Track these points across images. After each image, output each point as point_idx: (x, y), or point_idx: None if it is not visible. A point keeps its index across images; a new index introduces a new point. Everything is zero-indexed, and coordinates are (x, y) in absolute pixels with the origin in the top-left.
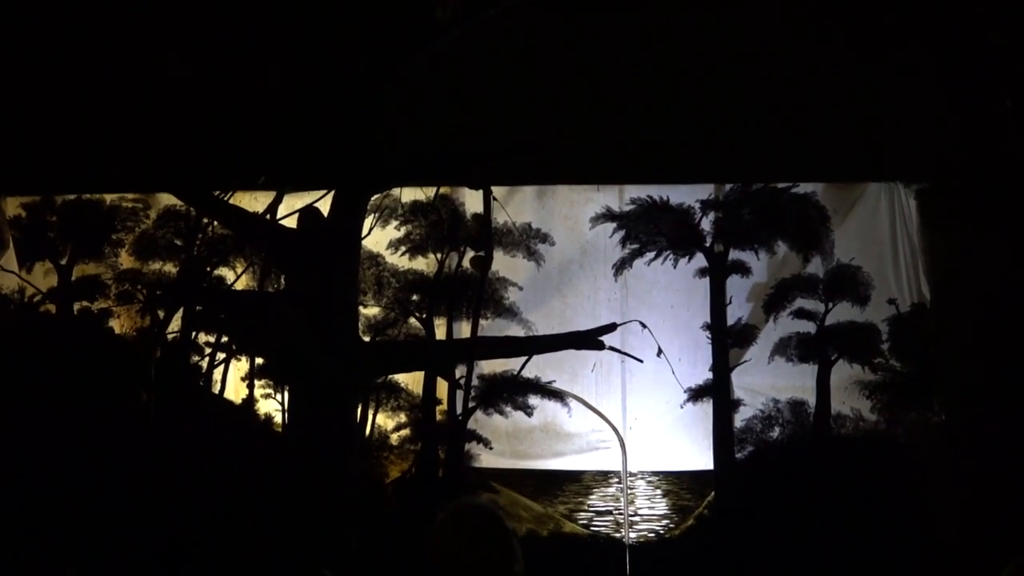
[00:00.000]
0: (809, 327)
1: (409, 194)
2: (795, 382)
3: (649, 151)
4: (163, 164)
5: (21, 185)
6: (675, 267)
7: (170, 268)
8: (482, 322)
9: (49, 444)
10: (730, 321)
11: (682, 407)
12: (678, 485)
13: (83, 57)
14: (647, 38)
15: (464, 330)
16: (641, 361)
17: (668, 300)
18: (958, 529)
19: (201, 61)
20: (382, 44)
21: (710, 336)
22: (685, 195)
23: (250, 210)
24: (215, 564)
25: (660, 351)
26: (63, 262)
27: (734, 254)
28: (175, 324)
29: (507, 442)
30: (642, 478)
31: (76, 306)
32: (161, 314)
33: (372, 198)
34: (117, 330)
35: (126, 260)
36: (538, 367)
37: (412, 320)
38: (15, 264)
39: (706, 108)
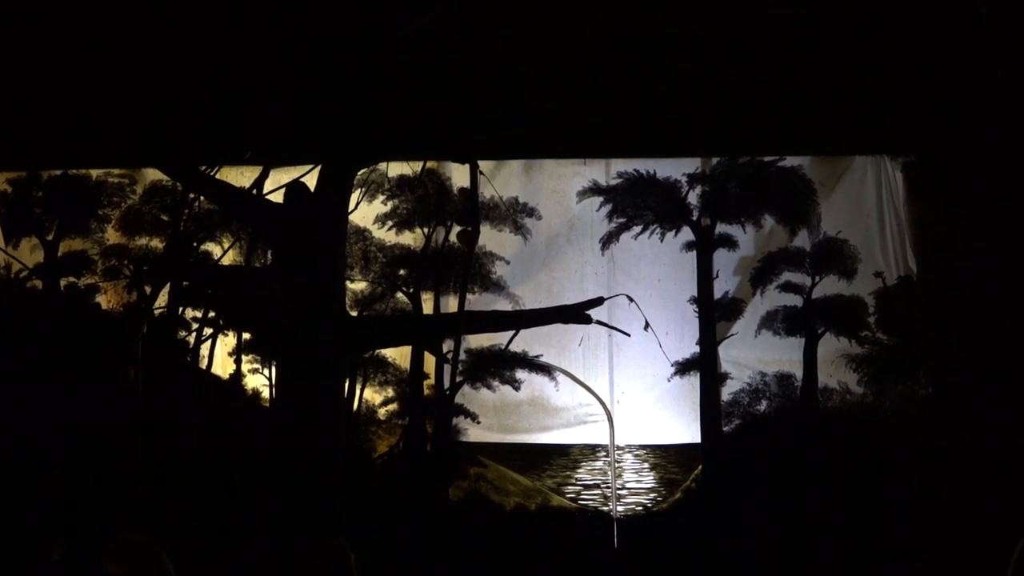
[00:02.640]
0: (796, 300)
1: (396, 168)
2: (782, 355)
3: (636, 125)
4: (149, 139)
5: (7, 160)
6: (662, 241)
7: (157, 243)
8: (469, 296)
9: (36, 420)
10: (717, 295)
11: (669, 381)
12: (665, 459)
13: (69, 31)
14: (633, 11)
15: (451, 304)
16: (628, 335)
17: (655, 274)
18: (944, 501)
19: (187, 35)
20: (368, 18)
21: (697, 310)
22: (672, 169)
23: (236, 185)
24: (205, 539)
25: (647, 325)
26: (49, 238)
27: (721, 228)
28: (162, 299)
29: (495, 416)
30: (630, 452)
31: (63, 282)
32: (148, 289)
33: (359, 173)
34: (104, 306)
35: (113, 235)
36: (525, 341)
37: (399, 295)
38: (1, 240)
39: (693, 81)
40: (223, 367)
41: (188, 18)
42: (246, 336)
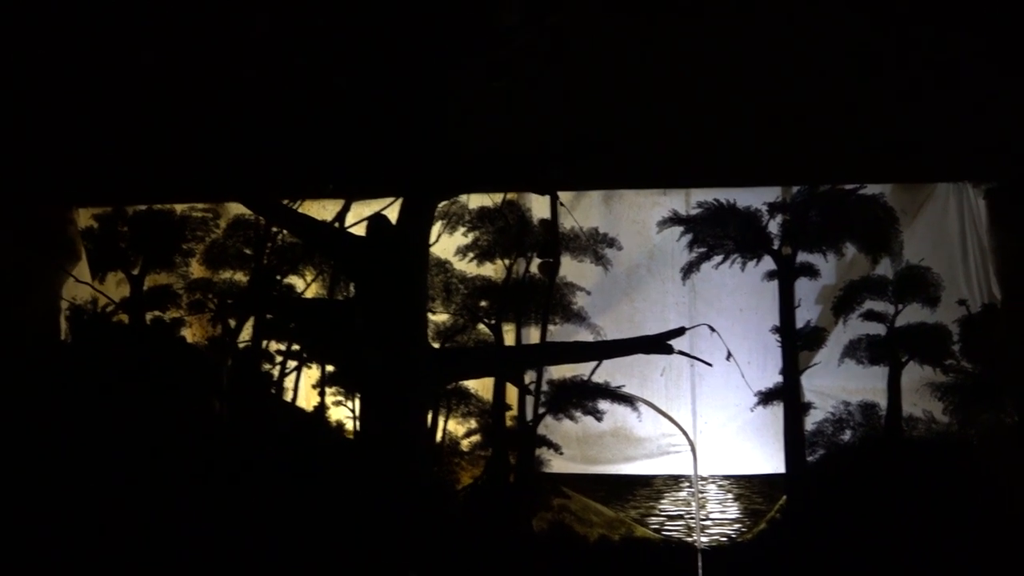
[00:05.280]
0: (879, 329)
1: (476, 200)
2: (866, 384)
3: (715, 154)
4: (232, 173)
5: (93, 196)
6: (743, 270)
7: (240, 277)
8: (551, 327)
9: (124, 452)
10: (799, 324)
11: (752, 410)
12: (749, 489)
13: (154, 68)
14: (712, 41)
15: (533, 335)
16: (710, 365)
17: (736, 303)
18: None
19: (269, 70)
20: (448, 50)
21: (779, 339)
22: (752, 198)
23: (319, 218)
24: (287, 569)
25: (729, 355)
26: (135, 272)
27: (802, 256)
28: (246, 333)
29: (578, 447)
30: (713, 482)
31: (148, 316)
32: (232, 323)
33: (439, 205)
34: (189, 339)
35: (197, 269)
36: (607, 372)
37: (481, 326)
38: (87, 275)
39: (773, 110)
40: (307, 399)
41: (270, 54)
42: (329, 368)
